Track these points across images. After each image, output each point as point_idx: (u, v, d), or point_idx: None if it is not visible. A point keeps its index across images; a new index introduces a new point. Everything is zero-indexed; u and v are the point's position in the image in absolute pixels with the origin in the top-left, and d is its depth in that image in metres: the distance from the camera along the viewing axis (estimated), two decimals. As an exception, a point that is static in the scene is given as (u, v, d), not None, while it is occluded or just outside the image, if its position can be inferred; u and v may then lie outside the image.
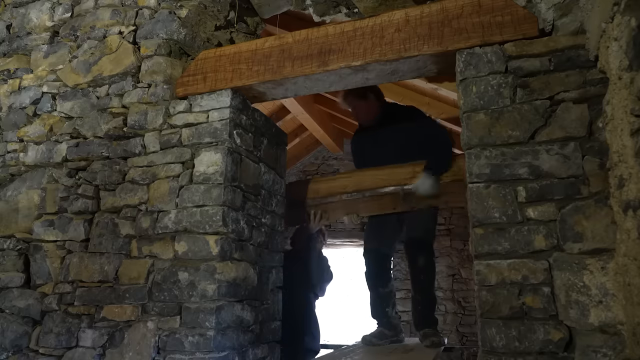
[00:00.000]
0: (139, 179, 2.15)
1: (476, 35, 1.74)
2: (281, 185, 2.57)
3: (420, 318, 2.87)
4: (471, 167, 1.63)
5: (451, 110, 3.98)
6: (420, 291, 2.86)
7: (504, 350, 1.46)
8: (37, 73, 2.51)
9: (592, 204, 1.45)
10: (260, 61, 2.10)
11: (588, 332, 1.38)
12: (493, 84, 1.66)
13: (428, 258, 2.84)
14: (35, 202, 2.33)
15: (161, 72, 2.22)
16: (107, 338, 2.01)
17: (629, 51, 1.18)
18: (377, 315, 2.97)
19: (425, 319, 2.85)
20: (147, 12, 2.34)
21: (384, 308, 2.93)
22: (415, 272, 2.87)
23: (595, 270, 1.40)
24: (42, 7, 2.58)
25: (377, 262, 2.96)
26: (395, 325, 2.97)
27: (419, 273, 2.84)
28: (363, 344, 2.95)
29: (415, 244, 2.87)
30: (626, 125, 1.23)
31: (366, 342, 2.92)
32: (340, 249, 7.05)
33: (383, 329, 2.93)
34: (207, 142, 2.08)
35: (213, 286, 1.90)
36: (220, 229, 1.96)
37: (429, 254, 2.86)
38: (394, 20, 1.90)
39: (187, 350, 1.87)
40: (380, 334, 2.92)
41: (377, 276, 2.95)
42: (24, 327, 2.17)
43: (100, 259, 2.13)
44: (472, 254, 1.59)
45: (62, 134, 2.36)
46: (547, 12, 1.68)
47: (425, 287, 2.85)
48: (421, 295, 2.86)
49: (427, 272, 2.84)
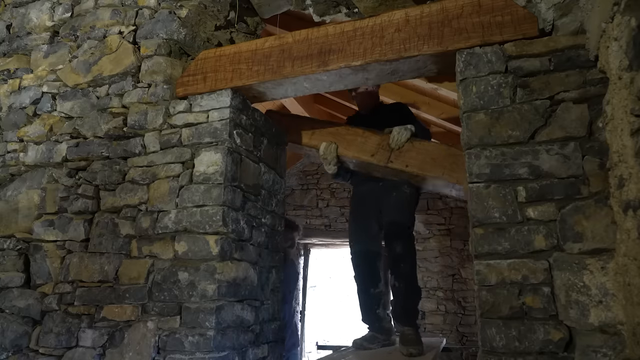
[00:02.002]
0: (139, 179, 2.15)
1: (476, 35, 1.74)
2: (281, 185, 2.57)
3: (401, 310, 2.68)
4: (471, 167, 1.63)
5: (451, 110, 3.98)
6: (401, 279, 2.66)
7: (504, 350, 1.46)
8: (37, 73, 2.51)
9: (592, 204, 1.45)
10: (260, 61, 2.10)
11: (588, 332, 1.38)
12: (493, 84, 1.66)
13: (406, 243, 2.68)
14: (35, 202, 2.33)
15: (161, 72, 2.22)
16: (107, 338, 2.01)
17: (629, 51, 1.18)
18: (369, 319, 2.87)
19: (406, 311, 2.66)
20: (147, 12, 2.34)
21: (375, 310, 2.83)
22: (395, 260, 2.68)
23: (595, 270, 1.40)
24: (42, 7, 2.58)
25: (366, 262, 2.86)
26: (387, 329, 2.87)
27: (397, 261, 2.66)
28: (354, 348, 2.85)
29: (392, 229, 2.70)
30: (626, 125, 1.23)
31: (357, 346, 2.82)
32: (340, 249, 7.05)
33: (375, 333, 2.83)
34: (207, 142, 2.08)
35: (213, 286, 1.90)
36: (220, 229, 1.96)
37: (407, 239, 2.70)
38: (394, 20, 1.90)
39: (187, 350, 1.87)
40: (372, 337, 2.82)
41: (367, 277, 2.85)
42: (24, 327, 2.17)
43: (100, 259, 2.13)
44: (472, 254, 1.59)
45: (62, 134, 2.36)
46: (547, 12, 1.68)
47: (407, 275, 2.66)
48: (403, 283, 2.66)
49: (406, 259, 2.66)
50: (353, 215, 3.04)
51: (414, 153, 2.50)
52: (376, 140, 2.59)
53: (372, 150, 2.58)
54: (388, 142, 2.54)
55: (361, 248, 2.88)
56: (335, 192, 6.72)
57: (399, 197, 2.72)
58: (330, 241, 6.69)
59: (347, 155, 2.64)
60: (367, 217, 2.88)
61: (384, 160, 2.54)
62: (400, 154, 2.52)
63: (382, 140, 2.57)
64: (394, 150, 2.53)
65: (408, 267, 2.67)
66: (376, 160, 2.56)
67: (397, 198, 2.72)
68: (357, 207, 2.98)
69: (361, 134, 2.63)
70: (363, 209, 2.90)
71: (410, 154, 2.51)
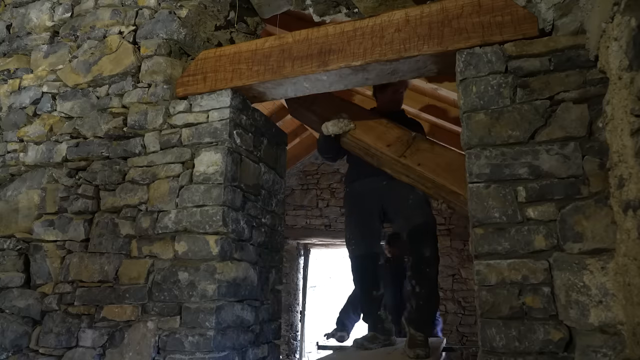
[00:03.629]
0: (139, 179, 2.15)
1: (476, 35, 1.74)
2: (281, 185, 2.57)
3: (419, 315, 2.57)
4: (471, 167, 1.63)
5: (451, 110, 3.99)
6: (424, 283, 2.55)
7: (504, 350, 1.46)
8: (37, 73, 2.51)
9: (592, 204, 1.45)
10: (260, 61, 2.10)
11: (588, 332, 1.38)
12: (493, 84, 1.66)
13: (434, 246, 2.59)
14: (35, 202, 2.33)
15: (161, 72, 2.22)
16: (107, 338, 2.01)
17: (629, 51, 1.18)
18: (371, 321, 2.87)
19: (424, 318, 2.58)
20: (147, 12, 2.34)
21: (377, 312, 2.81)
22: (420, 264, 2.56)
23: (595, 270, 1.40)
24: (42, 7, 2.58)
25: (368, 265, 2.79)
26: (388, 329, 2.85)
27: (424, 265, 2.54)
28: (355, 347, 2.83)
29: (419, 231, 2.58)
30: (626, 125, 1.23)
31: (358, 345, 2.80)
32: (340, 249, 7.05)
33: (376, 333, 2.81)
34: (207, 142, 2.08)
35: (213, 286, 1.90)
36: (220, 229, 1.96)
37: (434, 242, 2.61)
38: (394, 20, 1.90)
39: (187, 350, 1.87)
40: (373, 337, 2.80)
41: (369, 280, 2.80)
42: (24, 327, 2.17)
43: (100, 259, 2.13)
44: (472, 254, 1.59)
45: (62, 134, 2.36)
46: (547, 12, 1.68)
47: (431, 280, 2.57)
48: (427, 288, 2.55)
49: (432, 264, 2.56)
50: (351, 217, 2.89)
51: (430, 154, 2.40)
52: (397, 133, 2.51)
53: (390, 141, 2.49)
54: (408, 138, 2.45)
55: (363, 252, 2.79)
56: (335, 192, 6.72)
57: (416, 196, 2.60)
58: (330, 241, 6.69)
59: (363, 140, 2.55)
60: (367, 216, 2.78)
61: (399, 153, 2.43)
62: (417, 152, 2.42)
63: (404, 136, 2.48)
64: (411, 147, 2.43)
65: (433, 272, 2.57)
66: (391, 151, 2.46)
67: (415, 198, 2.60)
68: (355, 207, 2.85)
69: (385, 124, 2.57)
70: (362, 209, 2.80)
71: (425, 154, 2.41)
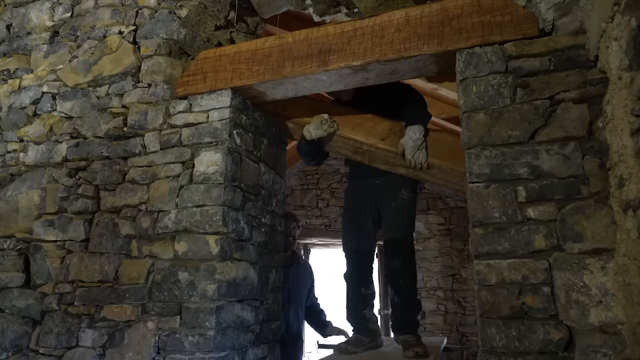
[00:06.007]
0: (139, 179, 2.15)
1: (476, 35, 1.74)
2: (281, 185, 2.57)
3: (400, 324, 2.57)
4: (471, 166, 1.63)
5: (451, 110, 3.98)
6: (400, 295, 2.56)
7: (504, 350, 1.46)
8: (37, 73, 2.51)
9: (592, 204, 1.45)
10: (260, 61, 2.10)
11: (588, 332, 1.38)
12: (493, 84, 1.66)
13: (407, 258, 2.56)
14: (35, 202, 2.33)
15: (161, 72, 2.22)
16: (107, 338, 2.01)
17: (629, 51, 1.18)
18: (354, 319, 2.70)
19: (406, 323, 2.55)
20: (147, 12, 2.34)
21: (362, 310, 2.68)
22: (394, 275, 2.58)
23: (595, 270, 1.40)
24: (42, 7, 2.58)
25: (360, 261, 2.74)
26: (372, 330, 2.70)
27: (397, 276, 2.55)
28: (336, 353, 2.63)
29: (393, 245, 2.59)
30: (626, 125, 1.23)
31: (340, 350, 2.60)
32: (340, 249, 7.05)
33: (360, 336, 2.65)
34: (207, 142, 2.08)
35: (213, 286, 1.90)
36: (220, 228, 1.96)
37: (408, 254, 2.58)
38: (394, 20, 1.90)
39: (187, 350, 1.87)
40: (357, 340, 2.63)
41: (360, 276, 2.73)
42: (24, 327, 2.17)
43: (100, 259, 2.13)
44: (472, 254, 1.59)
45: (62, 134, 2.36)
46: (547, 12, 1.68)
47: (406, 291, 2.55)
48: (403, 300, 2.55)
49: (406, 275, 2.55)
50: (347, 213, 2.88)
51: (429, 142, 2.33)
52: (387, 125, 2.44)
53: (383, 135, 2.42)
54: (400, 128, 2.37)
55: (355, 247, 2.78)
56: (335, 192, 6.72)
57: (397, 206, 2.58)
58: (330, 241, 6.69)
59: (354, 138, 2.47)
60: (361, 214, 2.76)
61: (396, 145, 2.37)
62: None
63: (394, 126, 2.42)
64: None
65: (407, 283, 2.56)
66: (388, 144, 2.40)
67: (396, 208, 2.58)
68: (351, 203, 2.85)
69: (370, 119, 2.48)
70: (357, 206, 2.78)
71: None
